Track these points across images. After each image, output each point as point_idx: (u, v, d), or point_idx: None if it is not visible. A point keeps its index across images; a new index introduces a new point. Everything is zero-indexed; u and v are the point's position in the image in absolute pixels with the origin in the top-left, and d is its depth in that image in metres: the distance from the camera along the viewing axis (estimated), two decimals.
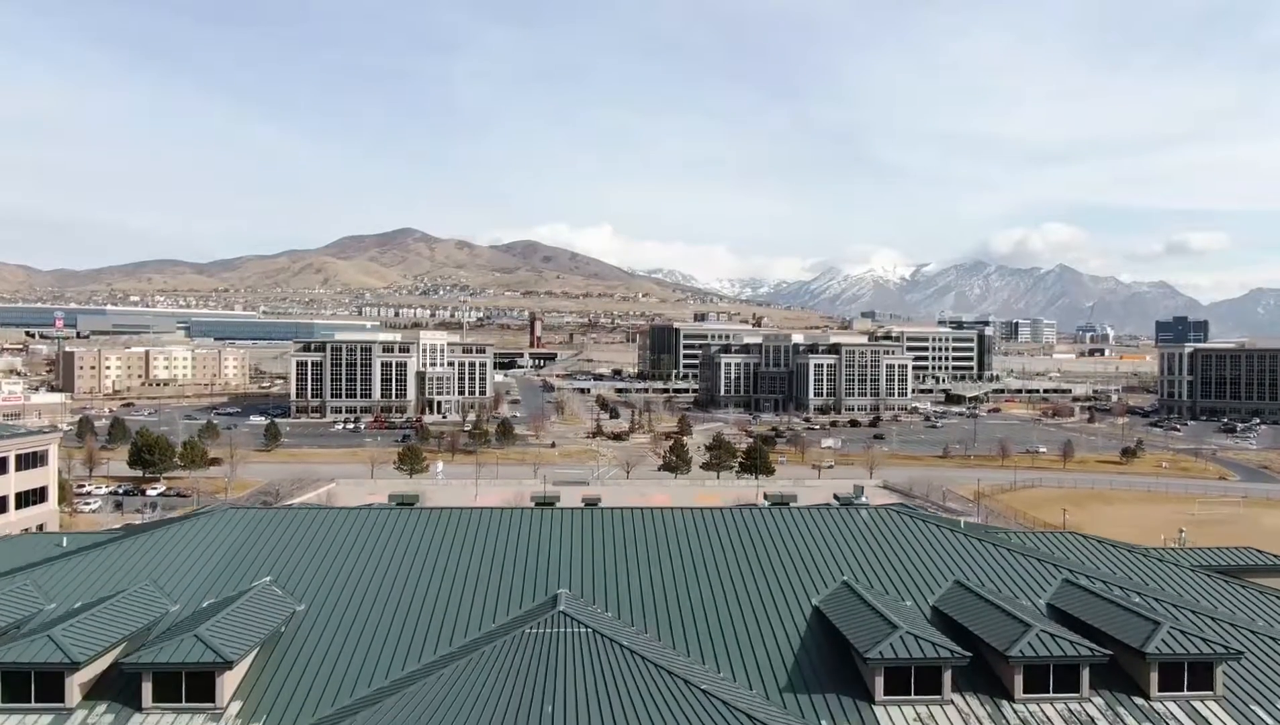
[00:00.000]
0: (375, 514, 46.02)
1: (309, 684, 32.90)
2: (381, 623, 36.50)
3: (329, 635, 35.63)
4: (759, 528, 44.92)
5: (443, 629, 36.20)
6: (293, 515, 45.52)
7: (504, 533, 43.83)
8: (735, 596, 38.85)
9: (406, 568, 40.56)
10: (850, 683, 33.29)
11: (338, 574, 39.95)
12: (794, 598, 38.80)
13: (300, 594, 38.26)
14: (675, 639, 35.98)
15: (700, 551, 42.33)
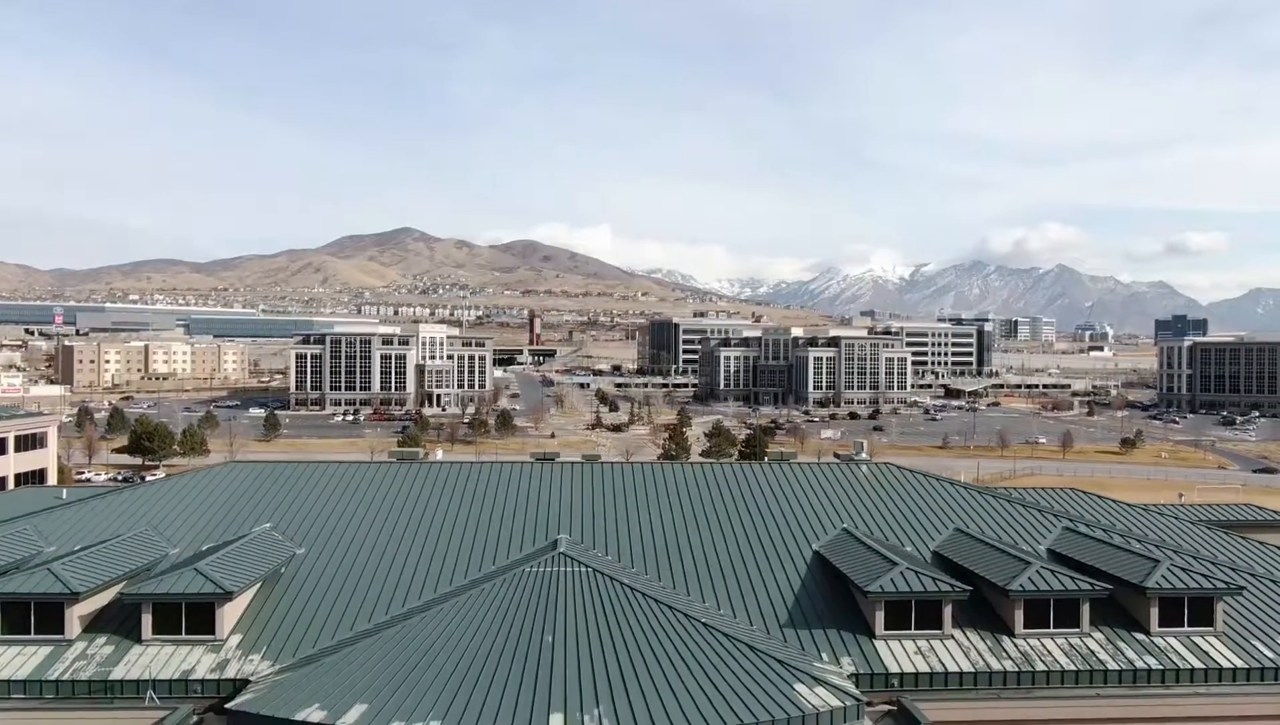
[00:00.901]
0: (376, 467, 46.02)
1: (309, 619, 32.87)
2: (381, 565, 36.48)
3: (329, 575, 35.61)
4: (760, 480, 44.93)
5: (442, 571, 36.17)
6: (293, 468, 45.50)
7: (504, 484, 43.83)
8: (736, 542, 38.84)
9: (407, 516, 40.54)
10: (851, 619, 33.28)
11: (338, 521, 39.94)
12: (794, 544, 38.78)
13: (300, 539, 38.24)
14: (675, 581, 35.96)
15: (701, 501, 42.33)
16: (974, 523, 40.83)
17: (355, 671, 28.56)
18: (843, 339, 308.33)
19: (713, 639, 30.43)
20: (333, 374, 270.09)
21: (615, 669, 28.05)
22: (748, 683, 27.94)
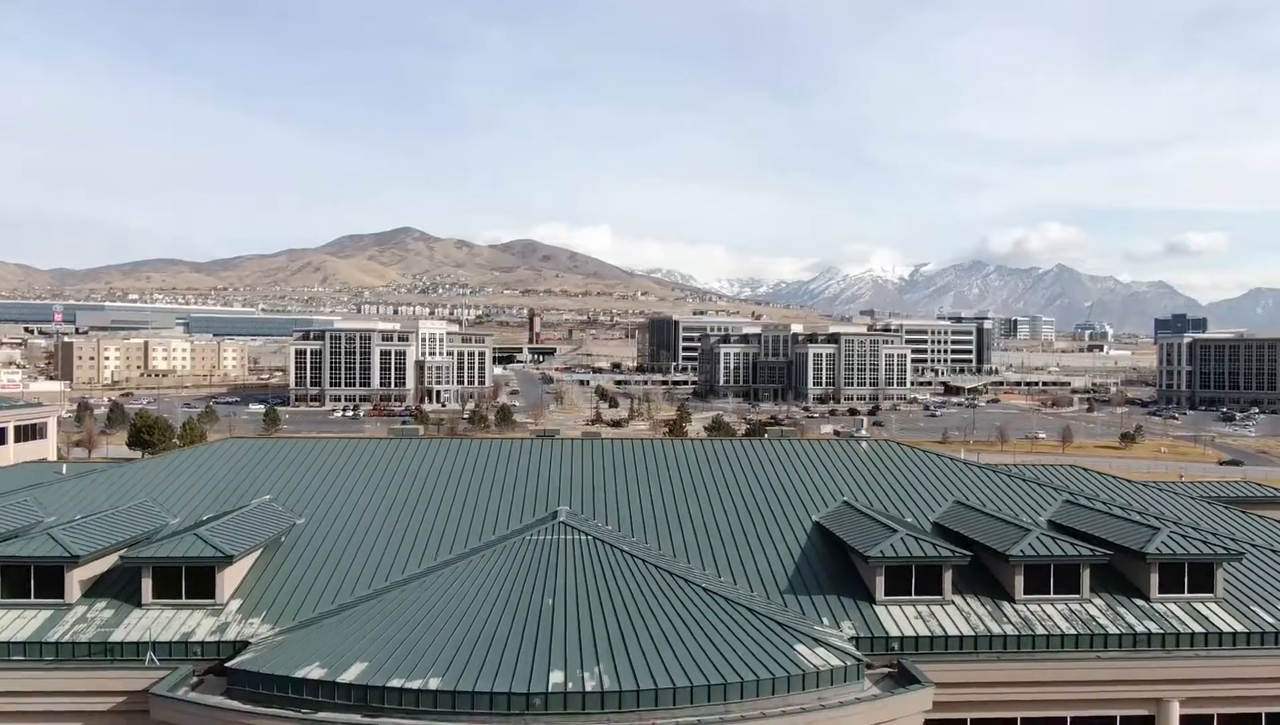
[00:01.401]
0: (376, 442, 46.01)
1: (309, 585, 32.83)
2: (381, 535, 36.44)
3: (329, 544, 35.57)
4: (760, 455, 44.91)
5: (442, 541, 36.11)
6: (292, 444, 45.47)
7: (504, 459, 43.79)
8: (736, 514, 38.80)
9: (407, 488, 40.50)
10: (852, 586, 33.25)
11: (338, 493, 39.91)
12: (794, 515, 38.74)
13: (300, 511, 38.18)
14: (676, 550, 35.90)
15: (701, 475, 42.31)
16: (974, 496, 40.78)
17: (355, 632, 28.56)
18: (842, 336, 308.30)
19: (713, 602, 30.44)
20: (333, 370, 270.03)
21: (615, 629, 28.06)
22: (748, 643, 27.94)
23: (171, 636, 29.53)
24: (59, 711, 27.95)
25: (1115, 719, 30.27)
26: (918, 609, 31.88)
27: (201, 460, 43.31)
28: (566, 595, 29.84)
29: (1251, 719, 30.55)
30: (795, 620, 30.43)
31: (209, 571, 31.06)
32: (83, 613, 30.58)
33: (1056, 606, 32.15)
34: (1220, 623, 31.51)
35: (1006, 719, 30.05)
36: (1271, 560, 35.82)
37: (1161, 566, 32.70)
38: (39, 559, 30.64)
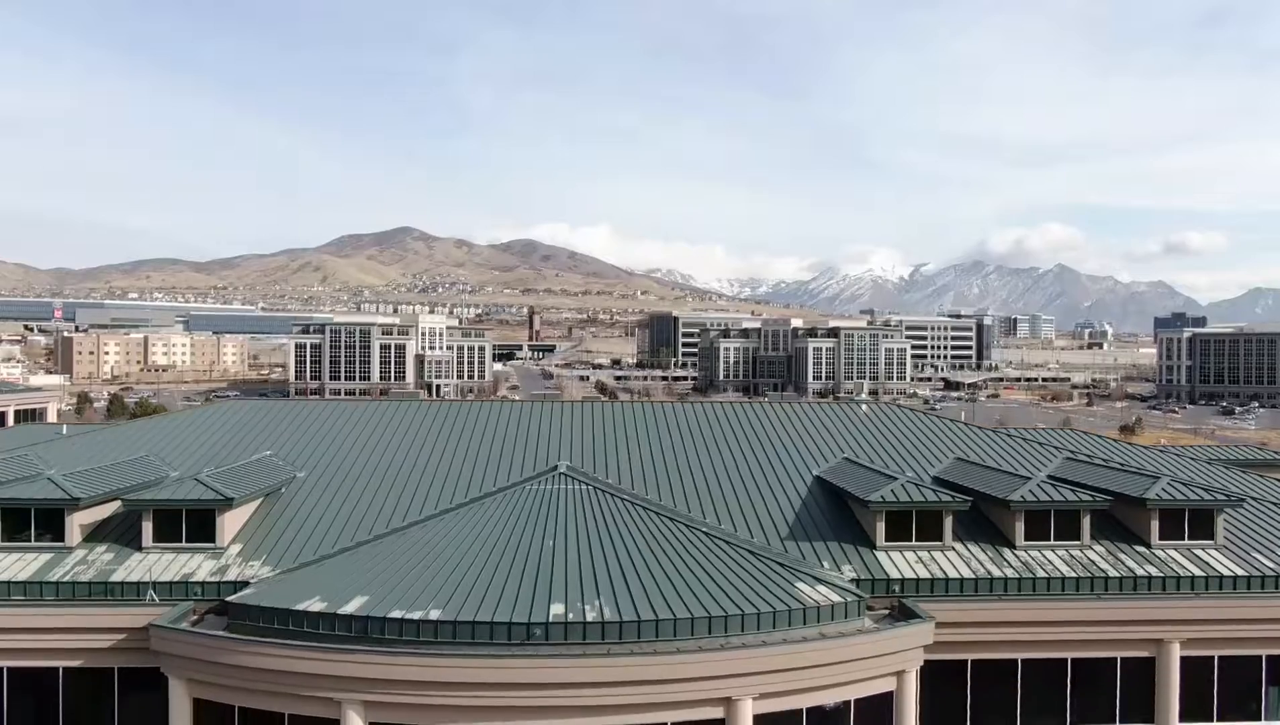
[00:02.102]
0: (376, 404, 46.04)
1: (309, 532, 32.85)
2: (382, 487, 36.44)
3: (329, 495, 35.58)
4: (761, 416, 44.95)
5: (443, 492, 36.10)
6: (292, 404, 45.54)
7: (504, 419, 43.81)
8: (737, 469, 38.81)
9: (407, 446, 40.51)
10: (852, 533, 33.26)
11: (338, 450, 39.91)
12: (795, 471, 38.75)
13: (301, 466, 38.18)
14: (676, 501, 35.85)
15: (702, 434, 42.32)
16: (975, 454, 40.78)
17: (356, 569, 28.60)
18: (842, 330, 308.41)
19: (714, 544, 30.50)
20: (332, 364, 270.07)
21: (616, 567, 28.09)
22: (749, 580, 27.99)
23: (172, 577, 29.55)
24: (59, 649, 27.96)
25: (1116, 661, 30.26)
26: (918, 554, 31.87)
27: (201, 420, 43.33)
28: (567, 537, 29.85)
29: (1252, 661, 30.56)
30: (796, 562, 30.45)
31: (209, 514, 31.06)
32: (83, 555, 30.59)
33: (1057, 552, 32.15)
34: (1220, 567, 31.52)
35: (1007, 660, 30.03)
36: (1271, 511, 35.83)
37: (1162, 513, 32.71)
38: (39, 501, 30.65)
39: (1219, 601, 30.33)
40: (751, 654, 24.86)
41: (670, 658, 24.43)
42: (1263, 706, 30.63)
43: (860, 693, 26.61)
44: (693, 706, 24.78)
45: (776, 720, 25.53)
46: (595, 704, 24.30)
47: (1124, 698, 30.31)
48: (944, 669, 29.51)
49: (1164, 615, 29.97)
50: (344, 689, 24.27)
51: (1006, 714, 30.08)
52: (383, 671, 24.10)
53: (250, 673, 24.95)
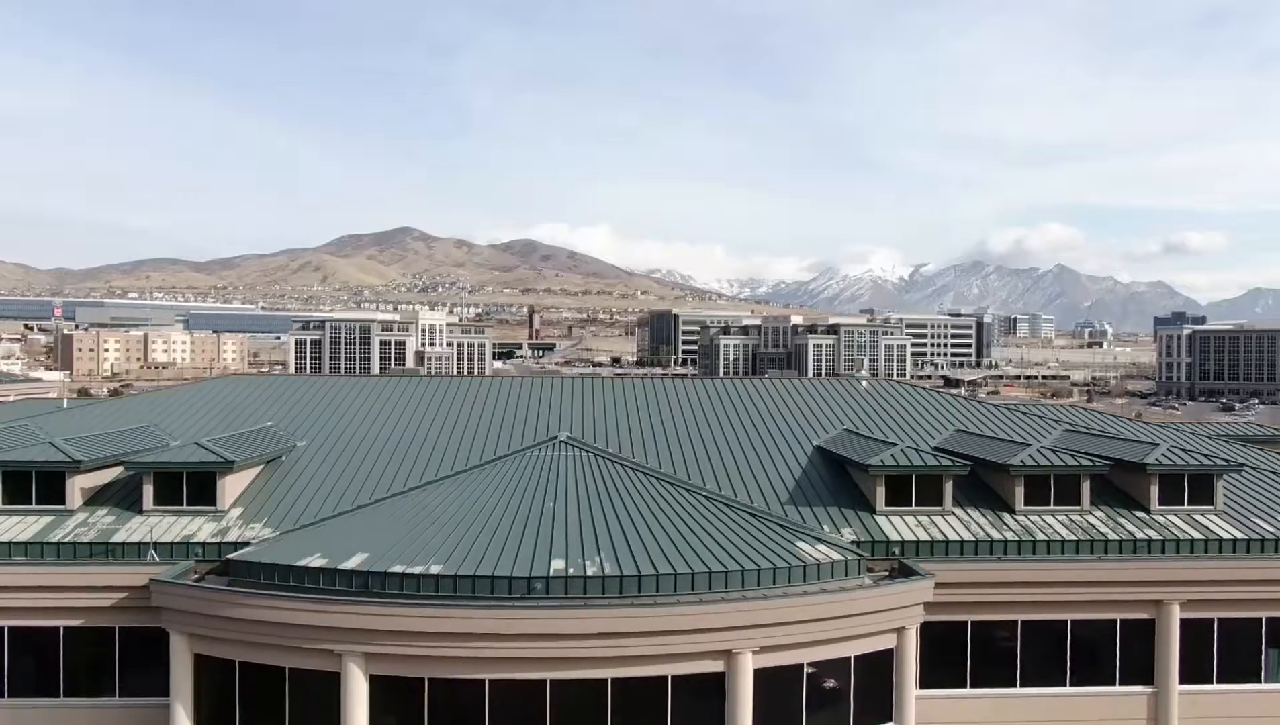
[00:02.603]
0: (377, 379, 46.12)
1: (310, 496, 32.88)
2: (383, 455, 36.47)
3: (330, 463, 35.62)
4: (760, 391, 45.02)
5: (443, 461, 36.08)
6: (293, 380, 45.62)
7: (504, 393, 43.88)
8: (736, 439, 38.83)
9: (408, 418, 40.57)
10: (852, 498, 33.30)
11: (339, 421, 39.94)
12: (795, 441, 38.78)
13: (302, 436, 38.21)
14: (676, 469, 35.84)
15: (702, 407, 42.36)
16: (975, 426, 40.81)
17: (357, 529, 28.66)
18: (842, 327, 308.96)
19: (714, 507, 30.57)
20: (332, 359, 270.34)
21: (616, 527, 28.14)
22: (750, 539, 28.05)
23: (173, 538, 29.58)
24: (60, 608, 27.95)
25: (1116, 622, 30.29)
26: (918, 518, 31.90)
27: (202, 394, 43.38)
28: (568, 499, 29.91)
29: (1252, 623, 30.58)
30: (796, 524, 30.49)
31: (210, 477, 31.08)
32: (84, 518, 30.62)
33: (1057, 517, 32.16)
34: (1220, 531, 31.55)
35: (1007, 622, 30.07)
36: (1270, 479, 35.88)
37: (1161, 479, 32.72)
38: (40, 463, 30.68)
39: (1219, 562, 30.39)
40: (751, 606, 24.91)
41: (670, 608, 24.47)
42: (1262, 669, 30.67)
43: (860, 649, 26.64)
44: (693, 659, 24.81)
45: (777, 675, 25.56)
46: (596, 655, 24.33)
47: (1124, 660, 30.33)
48: (944, 630, 29.57)
49: (1164, 576, 30.00)
50: (345, 641, 24.29)
51: (1006, 676, 30.11)
52: (383, 623, 24.13)
53: (251, 625, 24.99)
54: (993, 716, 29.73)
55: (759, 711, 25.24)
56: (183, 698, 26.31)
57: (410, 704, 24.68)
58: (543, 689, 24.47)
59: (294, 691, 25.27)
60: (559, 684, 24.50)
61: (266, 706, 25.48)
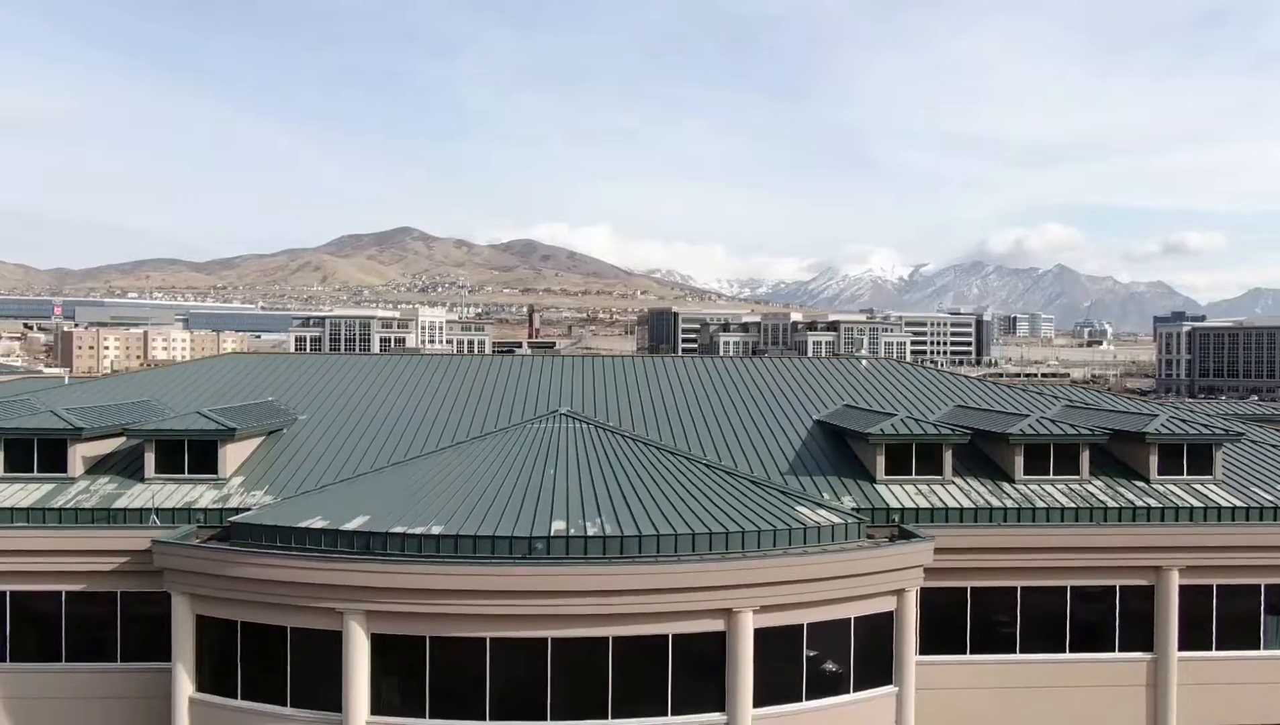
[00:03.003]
0: (377, 357, 46.17)
1: (312, 466, 32.95)
2: (384, 427, 36.56)
3: (332, 434, 35.70)
4: (760, 369, 45.12)
5: (444, 434, 36.13)
6: (294, 358, 45.66)
7: (504, 371, 43.94)
8: (737, 414, 38.89)
9: (409, 394, 40.63)
10: (852, 468, 33.37)
11: (340, 396, 40.01)
12: (795, 416, 38.85)
13: (303, 410, 38.27)
14: (677, 442, 35.89)
15: (702, 384, 42.43)
16: (974, 403, 40.85)
17: (358, 494, 28.74)
18: (842, 323, 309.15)
19: (714, 474, 30.67)
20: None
21: (617, 492, 28.23)
22: (750, 503, 28.12)
23: (174, 504, 29.64)
24: (62, 572, 28.06)
25: (1115, 589, 30.39)
26: (918, 487, 31.97)
27: (203, 370, 43.46)
28: (569, 467, 29.98)
29: (1251, 590, 30.68)
30: (797, 491, 30.57)
31: (212, 446, 31.15)
32: (85, 486, 30.68)
33: (1056, 486, 32.22)
34: (1219, 499, 31.61)
35: (1006, 588, 30.17)
36: (1270, 452, 35.97)
37: (1161, 448, 32.80)
38: (42, 431, 30.75)
39: (1218, 529, 30.47)
40: (751, 564, 24.99)
41: (671, 566, 24.55)
42: (1262, 636, 30.76)
43: (860, 611, 26.73)
44: (694, 618, 24.90)
45: (777, 635, 25.64)
46: (596, 613, 24.42)
47: (1123, 626, 30.44)
48: (944, 596, 29.66)
49: (1163, 542, 30.10)
50: (346, 599, 24.38)
51: (1006, 642, 30.20)
52: (385, 580, 24.22)
53: (253, 585, 25.07)
54: (992, 682, 29.83)
55: (759, 672, 25.33)
56: (185, 659, 26.40)
57: (411, 663, 24.77)
58: (544, 647, 24.55)
59: (295, 651, 25.35)
60: (560, 642, 24.58)
61: (268, 667, 25.55)
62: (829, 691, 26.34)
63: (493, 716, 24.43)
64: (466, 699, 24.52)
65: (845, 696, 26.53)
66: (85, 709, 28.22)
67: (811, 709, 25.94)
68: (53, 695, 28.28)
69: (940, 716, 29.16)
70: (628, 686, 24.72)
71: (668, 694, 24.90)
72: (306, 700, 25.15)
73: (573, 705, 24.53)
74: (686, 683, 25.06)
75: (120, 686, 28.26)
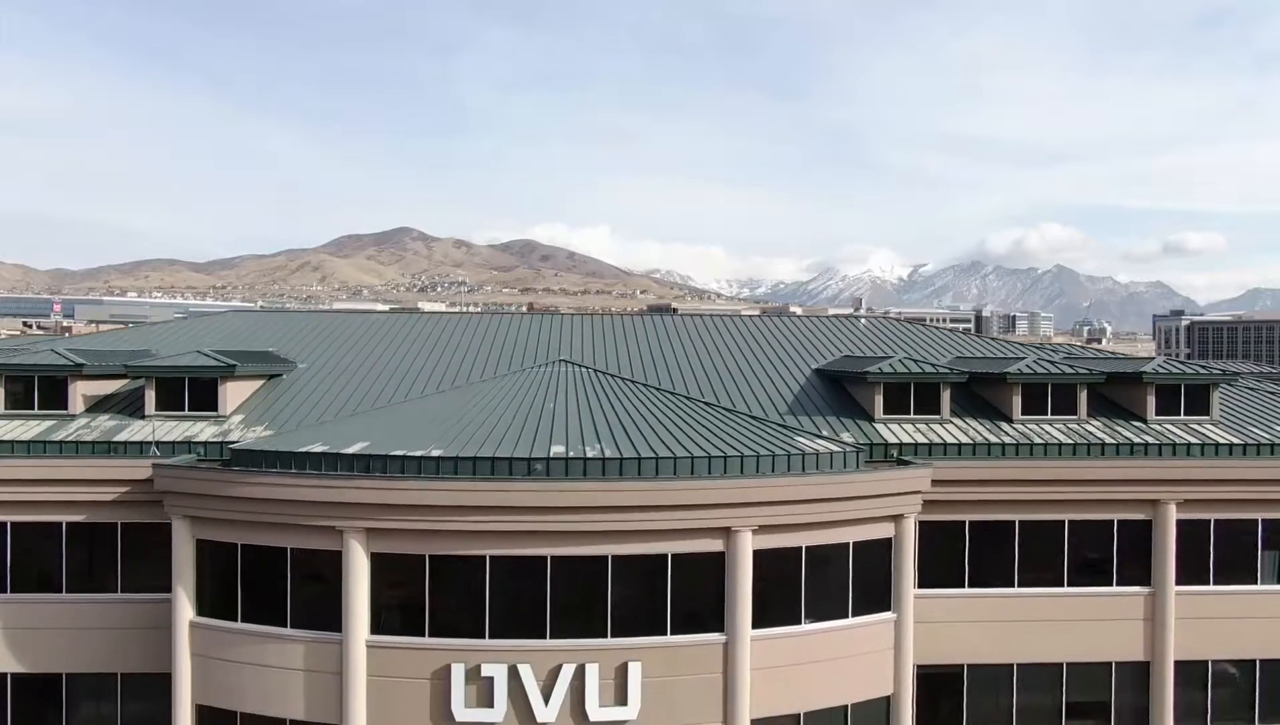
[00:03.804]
0: (376, 315, 46.28)
1: (311, 406, 33.05)
2: (383, 375, 36.64)
3: (331, 380, 35.77)
4: (761, 326, 45.22)
5: (444, 380, 36.23)
6: (295, 315, 45.81)
7: (503, 327, 44.03)
8: (737, 366, 38.91)
9: (408, 346, 40.65)
10: (851, 409, 33.46)
11: (339, 347, 40.04)
12: (794, 365, 38.95)
13: (303, 359, 38.32)
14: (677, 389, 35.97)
15: (701, 340, 42.46)
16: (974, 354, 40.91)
17: (358, 425, 28.84)
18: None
19: (715, 411, 30.80)
20: None
21: (616, 423, 28.34)
22: (749, 434, 28.20)
23: (175, 438, 29.74)
24: (62, 502, 28.13)
25: (1113, 523, 30.47)
26: (916, 426, 32.05)
27: (203, 325, 43.49)
28: (568, 403, 30.07)
29: (1248, 524, 30.76)
30: (795, 425, 30.67)
31: (212, 383, 31.25)
32: (86, 422, 30.75)
33: (1055, 426, 32.29)
34: (1217, 437, 31.70)
35: (1004, 521, 30.25)
36: (1268, 397, 36.08)
37: (1158, 389, 32.91)
38: (43, 367, 30.87)
39: (1215, 462, 30.54)
40: (750, 483, 25.10)
41: (670, 482, 24.62)
42: (1259, 570, 30.85)
43: (859, 536, 26.82)
44: (693, 537, 24.97)
45: (776, 558, 25.72)
46: (596, 530, 24.49)
47: (1121, 560, 30.51)
48: (942, 529, 29.76)
49: (1160, 475, 30.18)
50: (346, 516, 24.45)
51: (1003, 575, 30.28)
52: (385, 497, 24.30)
53: (253, 504, 25.13)
54: (990, 615, 29.91)
55: (758, 594, 25.42)
56: (185, 583, 26.50)
57: (411, 581, 24.85)
58: (543, 566, 24.63)
59: (296, 572, 25.46)
60: (559, 560, 24.66)
61: (268, 589, 25.63)
62: (827, 615, 26.43)
63: (493, 635, 24.51)
64: (466, 618, 24.61)
65: (843, 621, 26.62)
66: (85, 639, 28.29)
67: (810, 632, 26.04)
68: (52, 626, 28.37)
69: (939, 650, 29.26)
70: (627, 605, 24.81)
71: (667, 613, 24.99)
72: (307, 621, 25.24)
73: (572, 623, 24.62)
74: (686, 602, 25.15)
75: (120, 617, 28.34)
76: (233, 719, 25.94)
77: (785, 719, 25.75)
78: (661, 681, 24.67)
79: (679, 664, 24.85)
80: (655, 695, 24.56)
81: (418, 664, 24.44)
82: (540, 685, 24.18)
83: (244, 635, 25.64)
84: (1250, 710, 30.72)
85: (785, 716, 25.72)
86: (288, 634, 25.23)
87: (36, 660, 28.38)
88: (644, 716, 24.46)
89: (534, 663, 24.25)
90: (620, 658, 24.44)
